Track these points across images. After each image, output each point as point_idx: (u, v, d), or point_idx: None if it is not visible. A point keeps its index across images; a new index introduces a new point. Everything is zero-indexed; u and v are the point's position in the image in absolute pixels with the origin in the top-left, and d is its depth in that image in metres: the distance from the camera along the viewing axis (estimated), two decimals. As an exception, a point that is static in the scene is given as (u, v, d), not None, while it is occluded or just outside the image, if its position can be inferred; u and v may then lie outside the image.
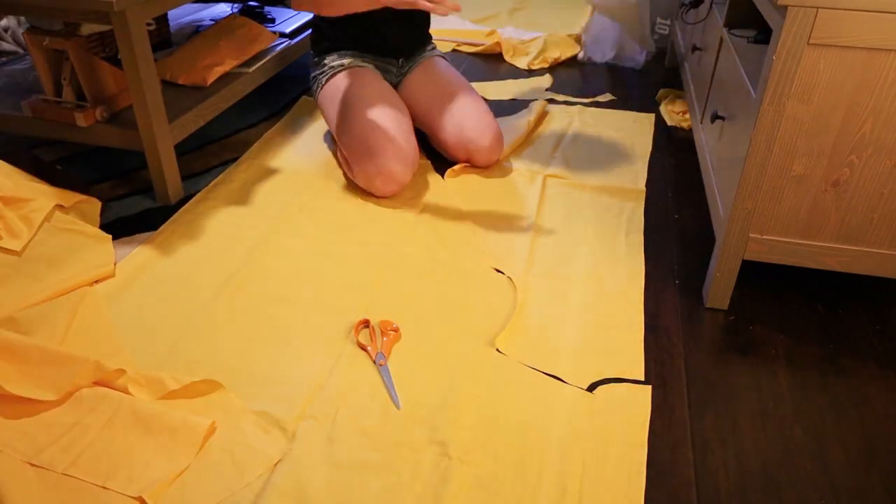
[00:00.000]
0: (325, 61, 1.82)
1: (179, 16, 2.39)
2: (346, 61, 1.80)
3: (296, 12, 2.42)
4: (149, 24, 2.00)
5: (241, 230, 1.55)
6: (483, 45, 2.69)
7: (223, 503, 0.96)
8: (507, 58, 2.63)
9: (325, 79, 1.80)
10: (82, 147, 1.90)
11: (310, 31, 1.86)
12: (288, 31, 2.22)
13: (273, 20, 2.32)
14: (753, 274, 1.44)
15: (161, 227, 1.56)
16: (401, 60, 1.90)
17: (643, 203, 1.69)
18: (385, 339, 1.23)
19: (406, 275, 1.42)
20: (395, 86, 1.91)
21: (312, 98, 1.89)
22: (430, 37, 1.98)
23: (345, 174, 1.77)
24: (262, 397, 1.12)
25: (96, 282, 1.37)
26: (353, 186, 1.73)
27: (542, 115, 2.12)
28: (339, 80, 1.78)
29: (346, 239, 1.53)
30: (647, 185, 1.78)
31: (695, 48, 1.99)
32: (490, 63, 2.59)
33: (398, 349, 1.23)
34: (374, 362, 1.19)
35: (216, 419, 1.07)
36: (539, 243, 1.52)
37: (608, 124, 2.10)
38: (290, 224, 1.58)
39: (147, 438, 1.03)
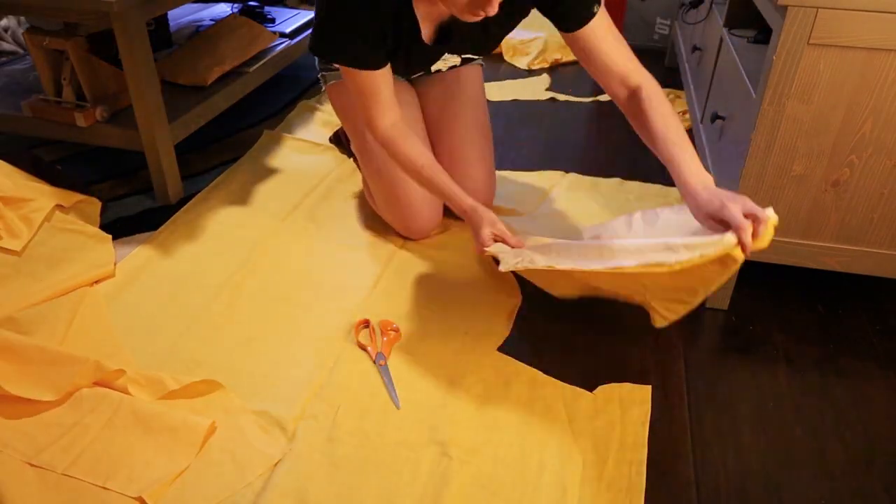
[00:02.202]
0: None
1: (179, 16, 2.39)
2: None
3: (296, 12, 2.43)
4: (149, 24, 2.00)
5: (241, 230, 1.55)
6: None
7: (223, 503, 0.96)
8: (507, 58, 2.63)
9: (331, 80, 1.50)
10: (82, 147, 1.89)
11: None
12: (288, 31, 2.22)
13: (273, 20, 2.32)
14: (753, 274, 1.43)
15: (161, 227, 1.56)
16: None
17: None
18: (385, 339, 1.23)
19: (406, 275, 1.42)
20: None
21: (321, 86, 1.54)
22: None
23: (365, 189, 1.62)
24: (262, 397, 1.12)
25: (96, 282, 1.37)
26: (352, 185, 1.73)
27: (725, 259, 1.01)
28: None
29: (347, 238, 1.53)
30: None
31: (695, 48, 1.99)
32: (490, 63, 2.58)
33: (398, 349, 1.23)
34: (374, 362, 1.19)
35: (216, 419, 1.07)
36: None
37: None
38: (290, 224, 1.58)
39: (147, 438, 1.03)
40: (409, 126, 1.39)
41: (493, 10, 1.02)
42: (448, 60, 1.49)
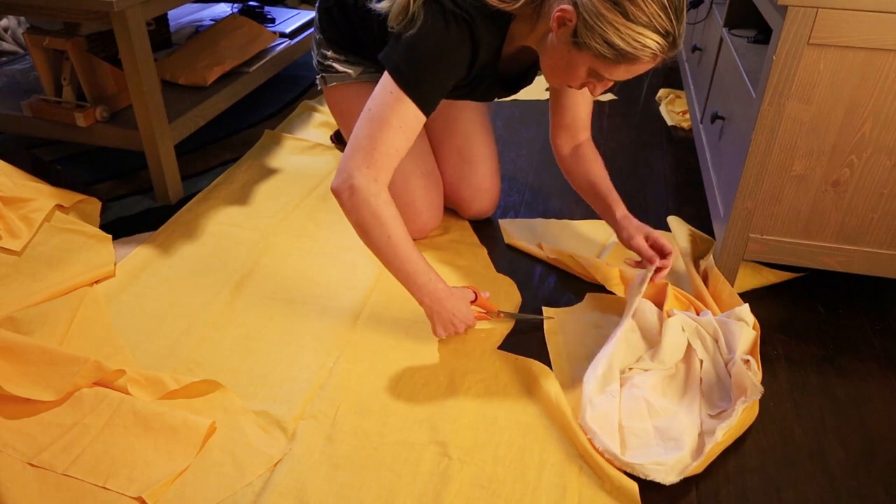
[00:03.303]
0: (328, 55, 1.43)
1: (179, 16, 2.39)
2: (352, 71, 1.42)
3: (296, 12, 2.42)
4: (149, 24, 2.00)
5: (241, 230, 1.55)
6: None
7: (223, 503, 0.96)
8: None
9: (331, 81, 1.45)
10: (82, 147, 1.89)
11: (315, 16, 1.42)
12: (288, 31, 2.22)
13: (273, 20, 2.32)
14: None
15: (161, 227, 1.56)
16: None
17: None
18: (487, 295, 1.28)
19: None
20: None
21: (317, 87, 1.50)
22: None
23: None
24: (262, 397, 1.12)
25: (96, 282, 1.37)
26: (353, 186, 1.72)
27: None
28: (352, 99, 1.42)
29: (346, 238, 1.53)
30: (647, 185, 1.78)
31: (695, 48, 1.99)
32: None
33: (398, 349, 1.23)
34: (498, 315, 1.28)
35: (216, 419, 1.07)
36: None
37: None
38: (290, 224, 1.58)
39: (147, 438, 1.03)
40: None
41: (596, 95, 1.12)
42: None
